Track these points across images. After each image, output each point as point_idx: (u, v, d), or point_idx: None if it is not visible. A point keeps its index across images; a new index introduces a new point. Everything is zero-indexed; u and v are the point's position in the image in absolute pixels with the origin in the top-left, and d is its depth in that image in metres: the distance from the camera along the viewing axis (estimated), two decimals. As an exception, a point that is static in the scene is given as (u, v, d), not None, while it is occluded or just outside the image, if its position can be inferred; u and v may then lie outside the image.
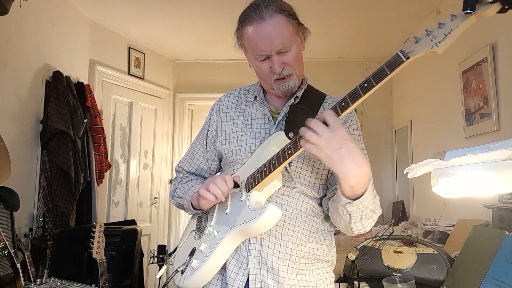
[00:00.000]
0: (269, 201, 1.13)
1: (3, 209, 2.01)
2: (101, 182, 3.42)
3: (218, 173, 1.39)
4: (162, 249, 2.66)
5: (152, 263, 2.63)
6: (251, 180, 1.13)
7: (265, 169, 1.09)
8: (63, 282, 1.72)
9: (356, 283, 1.77)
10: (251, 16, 1.14)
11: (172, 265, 1.26)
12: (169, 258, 2.57)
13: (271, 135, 1.21)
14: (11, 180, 2.00)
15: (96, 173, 3.27)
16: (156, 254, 2.64)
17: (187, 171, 1.41)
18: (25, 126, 2.62)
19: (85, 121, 3.03)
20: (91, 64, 3.51)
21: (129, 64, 3.96)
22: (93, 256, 2.05)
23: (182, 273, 1.16)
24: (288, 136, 1.14)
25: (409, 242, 1.95)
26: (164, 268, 1.38)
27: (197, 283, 1.13)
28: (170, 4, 3.19)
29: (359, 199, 0.99)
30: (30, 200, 2.63)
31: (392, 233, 1.99)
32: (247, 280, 1.14)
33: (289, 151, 1.04)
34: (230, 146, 1.27)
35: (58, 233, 2.43)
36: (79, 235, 2.39)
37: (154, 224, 4.32)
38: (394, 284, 1.47)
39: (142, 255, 2.94)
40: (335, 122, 0.95)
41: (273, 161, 1.07)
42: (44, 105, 2.76)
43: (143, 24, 3.62)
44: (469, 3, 0.82)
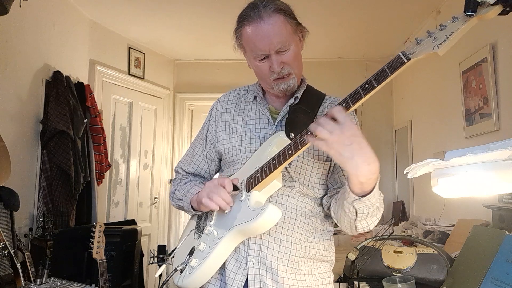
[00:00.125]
0: (269, 201, 1.13)
1: (3, 209, 2.01)
2: (101, 182, 3.42)
3: (218, 173, 1.39)
4: (162, 249, 2.66)
5: (152, 263, 2.63)
6: (251, 180, 1.13)
7: (266, 169, 1.09)
8: (63, 282, 1.73)
9: (356, 283, 1.77)
10: (250, 16, 1.14)
11: (172, 264, 1.26)
12: (169, 258, 2.57)
13: (271, 135, 1.21)
14: (11, 180, 2.00)
15: (96, 173, 3.27)
16: (156, 254, 2.64)
17: (186, 172, 1.40)
18: (25, 126, 2.62)
19: (85, 121, 3.03)
20: (91, 64, 3.51)
21: (129, 64, 3.96)
22: (93, 256, 2.05)
23: (181, 272, 1.16)
24: (288, 137, 1.14)
25: (409, 242, 1.95)
26: (164, 266, 1.38)
27: (196, 283, 1.13)
28: (170, 4, 3.19)
29: (367, 196, 0.99)
30: (30, 200, 2.63)
31: (392, 233, 1.99)
32: (246, 280, 1.14)
33: (290, 152, 1.03)
34: (230, 146, 1.27)
35: (58, 233, 2.43)
36: (79, 235, 2.39)
37: (154, 224, 4.32)
38: (394, 284, 1.47)
39: (142, 255, 2.94)
40: (345, 118, 0.94)
41: (274, 161, 1.07)
42: (44, 105, 2.76)
43: (143, 24, 3.62)
44: (471, 5, 0.82)
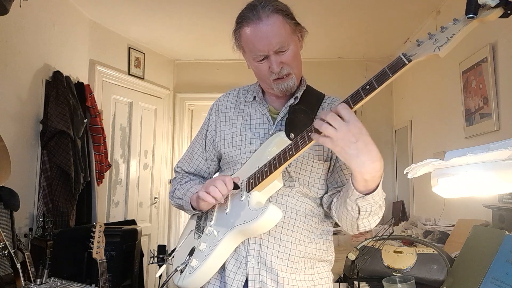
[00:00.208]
0: (269, 201, 1.13)
1: (3, 209, 2.01)
2: (101, 182, 3.42)
3: (217, 173, 1.39)
4: (162, 249, 2.66)
5: (152, 263, 2.63)
6: (251, 180, 1.13)
7: (266, 169, 1.09)
8: (63, 282, 1.72)
9: (356, 283, 1.77)
10: (248, 17, 1.14)
11: (172, 265, 1.26)
12: (169, 258, 2.57)
13: (270, 135, 1.21)
14: (11, 180, 2.00)
15: (96, 173, 3.27)
16: (156, 254, 2.64)
17: (186, 171, 1.40)
18: (25, 126, 2.62)
19: (85, 121, 3.03)
20: (91, 64, 3.51)
21: (129, 64, 3.96)
22: (93, 256, 2.05)
23: (181, 272, 1.15)
24: (288, 137, 1.14)
25: (409, 242, 1.95)
26: (164, 266, 1.38)
27: (196, 283, 1.13)
28: (170, 4, 3.19)
29: (371, 194, 0.99)
30: (30, 200, 2.63)
31: (392, 233, 1.99)
32: (246, 280, 1.14)
33: (290, 152, 1.03)
34: (230, 146, 1.26)
35: (58, 233, 2.44)
36: (79, 235, 2.38)
37: (154, 224, 4.32)
38: (394, 284, 1.46)
39: (142, 255, 2.94)
40: (351, 115, 0.94)
41: (274, 162, 1.07)
42: (44, 105, 2.76)
43: (143, 24, 3.62)
44: (472, 7, 0.82)
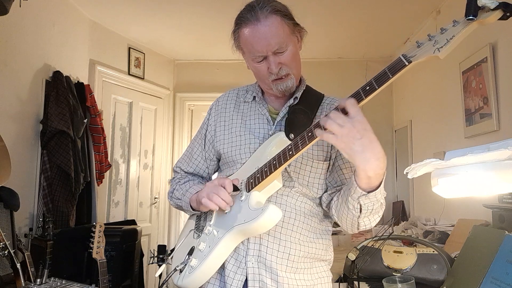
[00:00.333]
0: (269, 201, 1.13)
1: (3, 209, 2.01)
2: (101, 182, 3.42)
3: (216, 173, 1.39)
4: (162, 249, 2.66)
5: (152, 263, 2.63)
6: (251, 180, 1.13)
7: (266, 169, 1.09)
8: (63, 282, 1.72)
9: (356, 283, 1.77)
10: (247, 18, 1.14)
11: (171, 264, 1.26)
12: (169, 258, 2.57)
13: (270, 135, 1.21)
14: (11, 180, 2.00)
15: (96, 173, 3.27)
16: (156, 254, 2.64)
17: (185, 171, 1.40)
18: (25, 126, 2.62)
19: (85, 121, 3.03)
20: (91, 64, 3.51)
21: (129, 64, 3.96)
22: (93, 256, 2.05)
23: (180, 272, 1.16)
24: (288, 137, 1.14)
25: (409, 242, 1.95)
26: (164, 266, 1.38)
27: (196, 282, 1.13)
28: (170, 4, 3.19)
29: (373, 192, 0.98)
30: (30, 200, 2.63)
31: (392, 233, 1.99)
32: (246, 280, 1.14)
33: (290, 152, 1.03)
34: (229, 146, 1.26)
35: (58, 233, 2.43)
36: (79, 235, 2.39)
37: (154, 224, 4.32)
38: (394, 284, 1.46)
39: (142, 255, 2.94)
40: (357, 111, 0.93)
41: (274, 162, 1.07)
42: (44, 105, 2.76)
43: (143, 24, 3.62)
44: (471, 9, 0.82)
